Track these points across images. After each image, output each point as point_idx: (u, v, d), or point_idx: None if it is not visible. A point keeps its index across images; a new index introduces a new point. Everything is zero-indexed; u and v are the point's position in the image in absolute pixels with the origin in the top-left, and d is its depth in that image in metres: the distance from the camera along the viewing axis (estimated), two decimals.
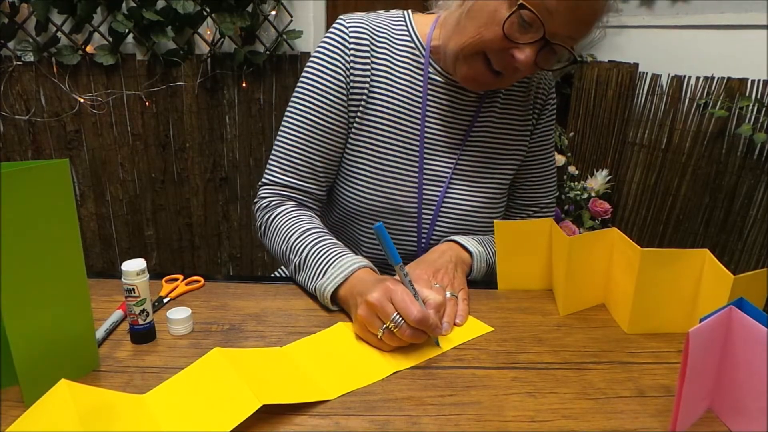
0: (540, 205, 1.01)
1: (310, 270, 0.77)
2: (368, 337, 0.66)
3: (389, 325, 0.63)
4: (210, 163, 2.13)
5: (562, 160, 2.19)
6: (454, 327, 0.72)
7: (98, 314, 0.68)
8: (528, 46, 0.73)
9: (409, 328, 0.63)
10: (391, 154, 0.87)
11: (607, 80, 2.20)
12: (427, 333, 0.65)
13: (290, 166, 0.87)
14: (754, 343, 0.50)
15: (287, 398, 0.55)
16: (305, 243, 0.79)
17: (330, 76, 0.85)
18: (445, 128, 0.89)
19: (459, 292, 0.77)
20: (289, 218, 0.84)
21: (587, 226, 2.18)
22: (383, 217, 0.89)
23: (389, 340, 0.64)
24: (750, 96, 1.73)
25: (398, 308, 0.63)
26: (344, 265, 0.74)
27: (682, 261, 0.67)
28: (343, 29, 0.85)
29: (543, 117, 0.96)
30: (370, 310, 0.65)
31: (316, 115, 0.85)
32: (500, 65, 0.77)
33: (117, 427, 0.50)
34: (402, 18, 0.90)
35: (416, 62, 0.87)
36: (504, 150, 0.93)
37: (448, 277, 0.79)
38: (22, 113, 1.71)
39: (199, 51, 1.98)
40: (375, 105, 0.86)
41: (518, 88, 0.93)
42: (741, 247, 1.79)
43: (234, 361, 0.58)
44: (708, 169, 1.88)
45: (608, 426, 0.54)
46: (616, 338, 0.71)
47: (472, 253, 0.85)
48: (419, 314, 0.62)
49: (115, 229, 2.00)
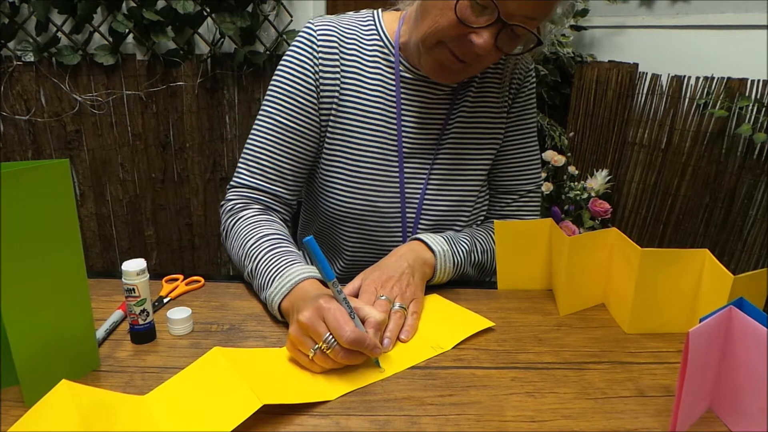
0: (520, 193, 0.96)
1: (260, 278, 0.74)
2: (300, 357, 0.62)
3: (321, 346, 0.59)
4: (210, 163, 2.13)
5: (562, 160, 2.19)
6: (454, 330, 0.70)
7: (98, 314, 0.68)
8: (485, 29, 0.70)
9: (342, 349, 0.59)
10: (368, 155, 0.86)
11: (607, 80, 2.21)
12: (366, 354, 0.61)
13: (258, 168, 0.85)
14: (754, 343, 0.50)
15: (287, 398, 0.55)
16: (259, 250, 0.76)
17: (298, 79, 0.84)
18: (421, 125, 0.87)
19: (410, 303, 0.73)
20: (249, 223, 0.81)
21: (587, 226, 2.18)
22: (365, 220, 0.88)
23: (322, 362, 0.60)
24: (750, 96, 1.73)
25: (330, 328, 0.59)
26: (290, 276, 0.70)
27: (682, 261, 0.67)
28: (311, 33, 0.85)
29: (518, 101, 0.93)
30: (301, 330, 0.61)
31: (285, 118, 0.85)
32: (461, 53, 0.74)
33: (118, 428, 0.50)
34: (371, 17, 0.89)
35: (386, 61, 0.86)
36: (480, 141, 0.91)
37: (400, 287, 0.74)
38: (22, 113, 1.71)
39: (199, 51, 1.98)
40: (347, 107, 0.85)
41: (492, 76, 0.91)
42: (741, 247, 1.79)
43: (234, 361, 0.58)
44: (708, 169, 1.88)
45: (608, 426, 0.54)
46: (616, 338, 0.71)
47: (435, 253, 0.81)
48: (352, 334, 0.58)
49: (115, 229, 2.00)
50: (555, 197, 2.23)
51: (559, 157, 2.19)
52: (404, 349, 0.67)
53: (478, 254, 0.87)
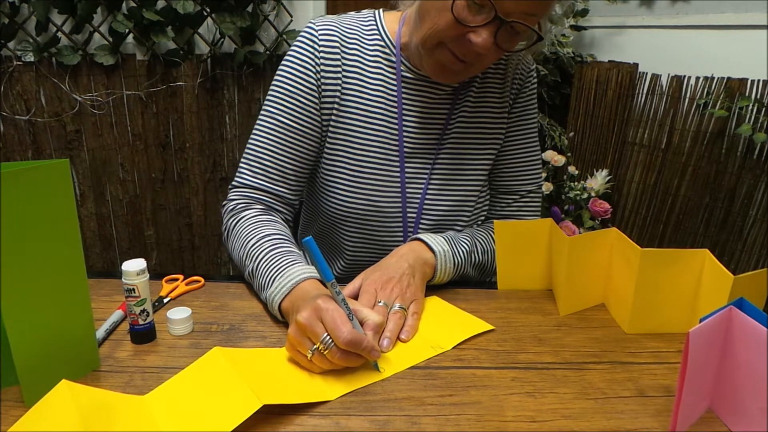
0: (521, 193, 0.95)
1: (261, 278, 0.74)
2: (299, 358, 0.62)
3: (319, 346, 0.59)
4: (210, 163, 2.13)
5: (562, 160, 2.19)
6: (454, 331, 0.70)
7: (98, 314, 0.68)
8: (483, 28, 0.70)
9: (339, 350, 0.59)
10: (369, 155, 0.86)
11: (607, 80, 2.21)
12: (363, 356, 0.61)
13: (260, 168, 0.85)
14: (754, 343, 0.50)
15: (287, 399, 0.55)
16: (260, 249, 0.76)
17: (300, 79, 0.84)
18: (422, 124, 0.87)
19: (410, 304, 0.73)
20: (250, 223, 0.81)
21: (587, 226, 2.18)
22: (366, 220, 0.88)
23: (320, 363, 0.60)
24: (750, 96, 1.73)
25: (328, 329, 0.59)
26: (290, 276, 0.70)
27: (682, 261, 0.67)
28: (312, 33, 0.85)
29: (519, 100, 0.93)
30: (300, 331, 0.61)
31: (287, 118, 0.85)
32: (461, 52, 0.74)
33: (118, 428, 0.50)
34: (372, 18, 0.89)
35: (388, 61, 0.86)
36: (482, 141, 0.91)
37: (400, 288, 0.74)
38: (22, 113, 1.71)
39: (199, 51, 1.98)
40: (349, 106, 0.85)
41: (494, 76, 0.91)
42: (741, 247, 1.79)
43: (234, 361, 0.58)
44: (708, 169, 1.88)
45: (608, 426, 0.54)
46: (616, 338, 0.71)
47: (435, 253, 0.81)
48: (349, 335, 0.58)
49: (115, 229, 2.00)
50: (555, 197, 2.23)
51: (559, 157, 2.19)
52: (404, 349, 0.67)
53: (479, 254, 0.87)
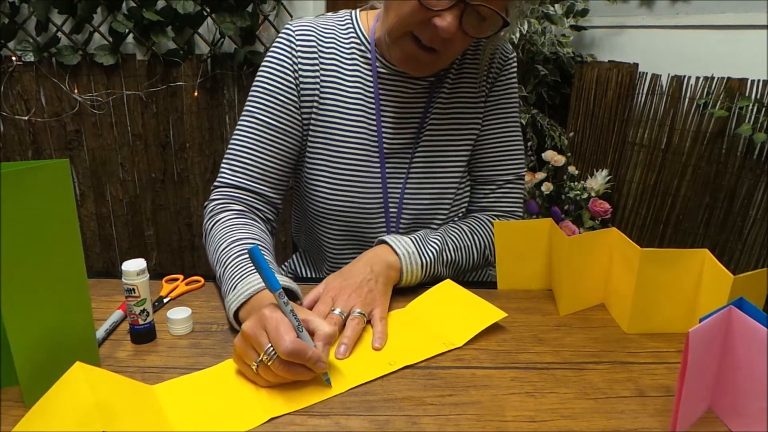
0: (498, 183, 0.94)
1: (225, 284, 0.71)
2: (245, 370, 0.59)
3: (263, 357, 0.56)
4: (210, 163, 2.13)
5: (562, 160, 2.19)
6: (466, 324, 0.69)
7: (98, 314, 0.68)
8: (447, 11, 0.70)
9: (282, 361, 0.56)
10: (349, 153, 0.86)
11: (607, 80, 2.20)
12: (310, 368, 0.57)
13: (240, 166, 0.85)
14: (754, 343, 0.50)
15: (293, 406, 0.56)
16: (228, 255, 0.74)
17: (279, 79, 0.85)
18: (400, 119, 0.88)
19: (375, 309, 0.71)
20: (224, 227, 0.80)
21: (587, 226, 2.18)
22: (349, 218, 0.88)
23: (266, 375, 0.57)
24: (750, 96, 1.72)
25: (270, 338, 0.56)
26: (250, 284, 0.67)
27: (682, 261, 0.67)
28: (289, 34, 0.86)
29: (496, 89, 0.92)
30: (245, 341, 0.58)
31: (266, 116, 0.85)
32: (427, 39, 0.74)
33: (131, 412, 0.50)
34: (349, 17, 0.90)
35: (364, 58, 0.87)
36: (458, 131, 0.90)
37: (359, 295, 0.72)
38: (22, 113, 1.71)
39: (199, 51, 1.98)
40: (327, 105, 0.86)
41: (470, 66, 0.90)
42: (741, 247, 1.78)
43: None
44: (708, 169, 1.88)
45: (608, 426, 0.54)
46: (616, 338, 0.71)
47: (399, 255, 0.79)
48: (291, 345, 0.54)
49: (115, 229, 2.00)
50: (555, 197, 2.23)
51: (559, 157, 2.19)
52: (415, 345, 0.67)
53: (450, 253, 0.85)
